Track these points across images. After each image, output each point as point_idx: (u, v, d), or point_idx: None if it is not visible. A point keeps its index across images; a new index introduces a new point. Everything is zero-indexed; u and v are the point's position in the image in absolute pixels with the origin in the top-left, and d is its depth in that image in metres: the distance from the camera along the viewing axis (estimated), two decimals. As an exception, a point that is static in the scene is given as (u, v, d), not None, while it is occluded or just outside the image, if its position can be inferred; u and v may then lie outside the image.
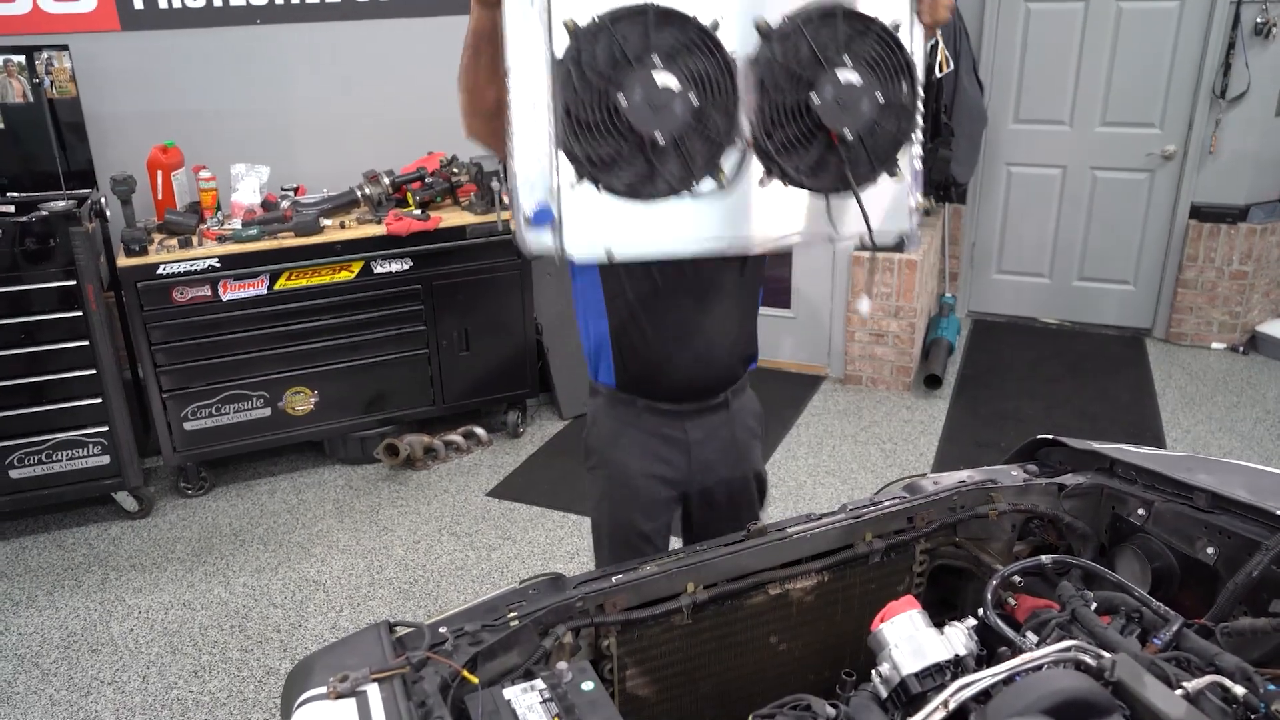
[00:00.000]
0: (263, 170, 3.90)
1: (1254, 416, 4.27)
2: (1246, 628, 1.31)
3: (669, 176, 1.40)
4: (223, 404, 3.70)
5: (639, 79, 1.35)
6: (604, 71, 1.33)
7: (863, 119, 1.45)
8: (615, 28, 1.33)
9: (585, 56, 1.33)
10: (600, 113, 1.35)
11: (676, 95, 1.36)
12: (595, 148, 1.35)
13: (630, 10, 1.34)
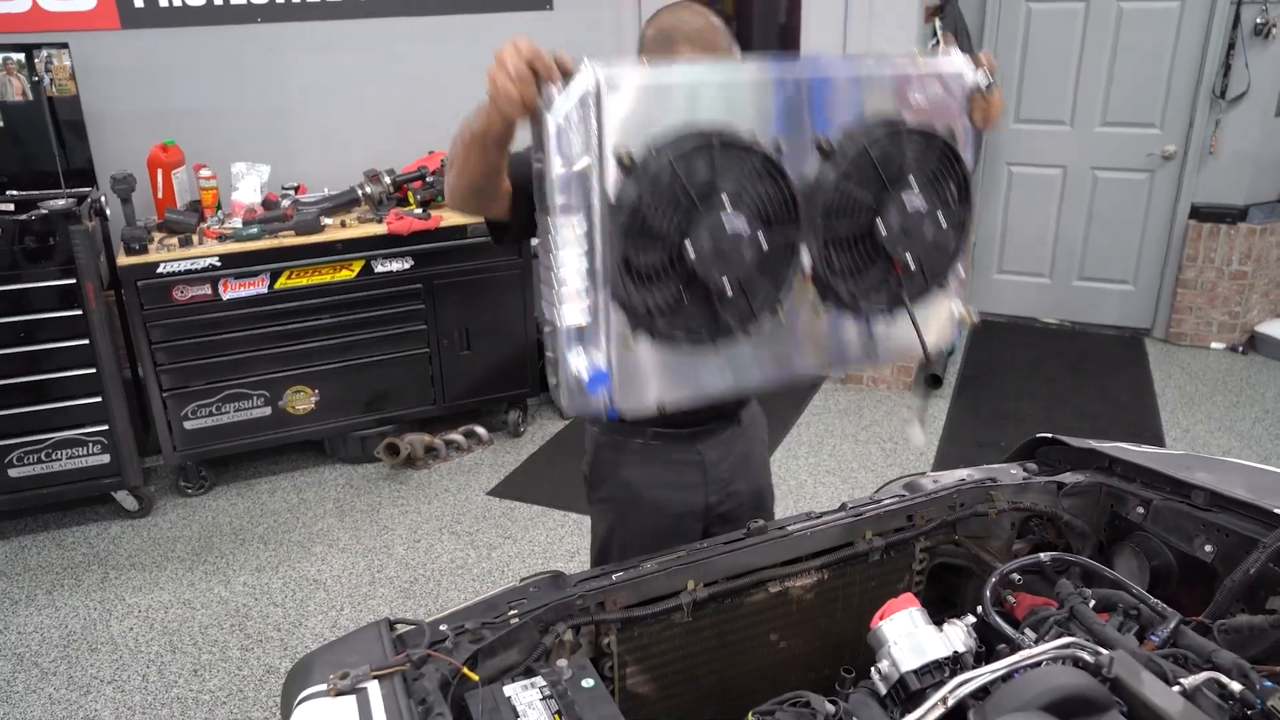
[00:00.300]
0: (263, 169, 3.91)
1: (1253, 416, 4.27)
2: (1244, 625, 1.31)
3: (731, 319, 1.33)
4: (223, 403, 3.70)
5: (708, 225, 1.24)
6: (670, 217, 1.23)
7: (926, 244, 1.42)
8: (677, 163, 1.22)
9: (647, 199, 1.22)
10: (664, 263, 1.25)
11: (745, 238, 1.27)
12: (655, 297, 1.25)
13: (693, 142, 1.22)
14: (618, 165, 1.20)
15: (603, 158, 1.20)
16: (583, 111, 1.18)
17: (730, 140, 1.25)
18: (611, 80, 1.19)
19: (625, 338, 1.28)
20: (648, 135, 1.21)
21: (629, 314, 1.26)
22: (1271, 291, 4.98)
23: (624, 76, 1.20)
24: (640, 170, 1.20)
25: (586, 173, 1.20)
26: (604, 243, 1.23)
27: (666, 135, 1.22)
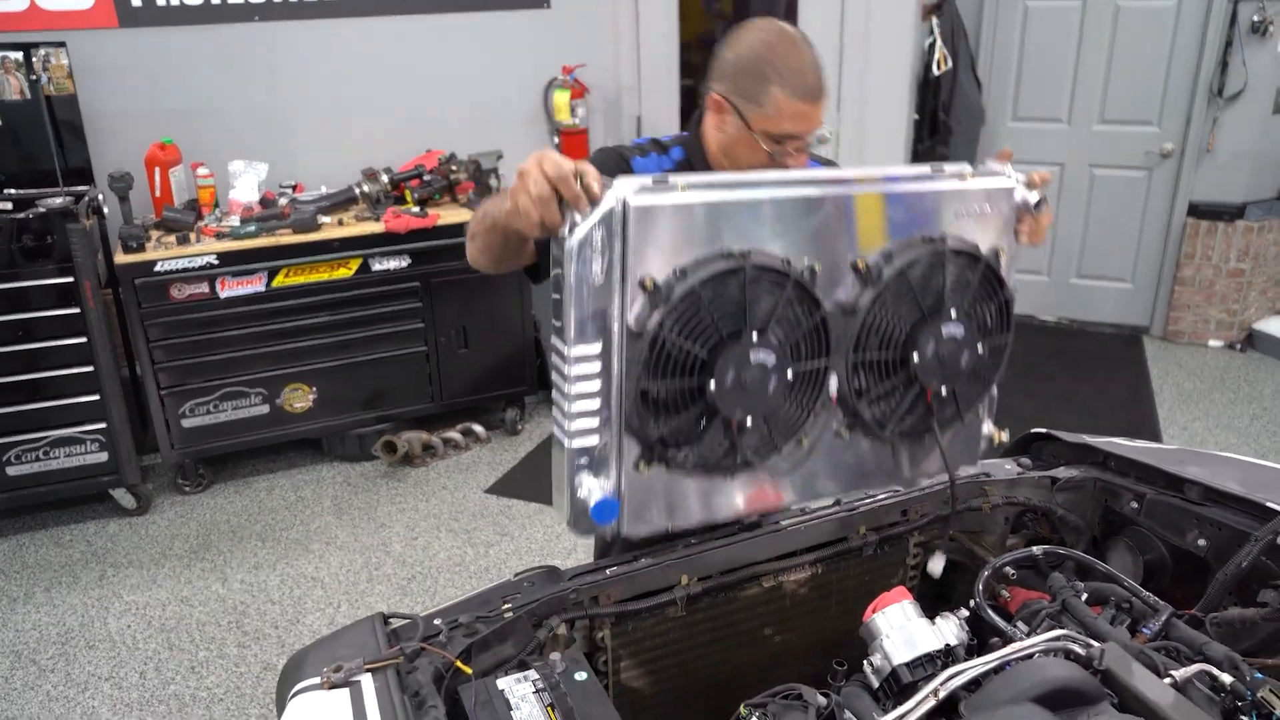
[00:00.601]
0: (261, 167, 3.91)
1: (1251, 413, 4.27)
2: (1235, 618, 1.31)
3: (748, 452, 1.29)
4: (221, 401, 3.70)
5: (733, 358, 1.19)
6: (693, 348, 1.17)
7: (960, 373, 1.38)
8: (703, 290, 1.15)
9: (669, 329, 1.15)
10: (683, 394, 1.20)
11: (771, 370, 1.22)
12: (670, 427, 1.21)
13: (722, 267, 1.15)
14: (640, 290, 1.14)
15: (625, 283, 1.14)
16: (606, 233, 1.12)
17: (761, 266, 1.19)
18: (638, 203, 1.13)
19: (637, 465, 1.24)
20: (674, 259, 1.15)
21: (642, 443, 1.22)
22: (1269, 289, 4.98)
23: (652, 198, 1.14)
24: (664, 297, 1.14)
25: (607, 298, 1.15)
26: (620, 370, 1.18)
27: (693, 260, 1.16)
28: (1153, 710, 1.08)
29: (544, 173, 1.12)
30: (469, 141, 4.19)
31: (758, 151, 1.55)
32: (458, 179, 4.04)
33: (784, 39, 1.52)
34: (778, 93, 1.48)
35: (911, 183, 1.32)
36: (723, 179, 1.25)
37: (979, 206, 1.36)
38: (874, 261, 1.29)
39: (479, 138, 4.23)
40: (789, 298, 1.22)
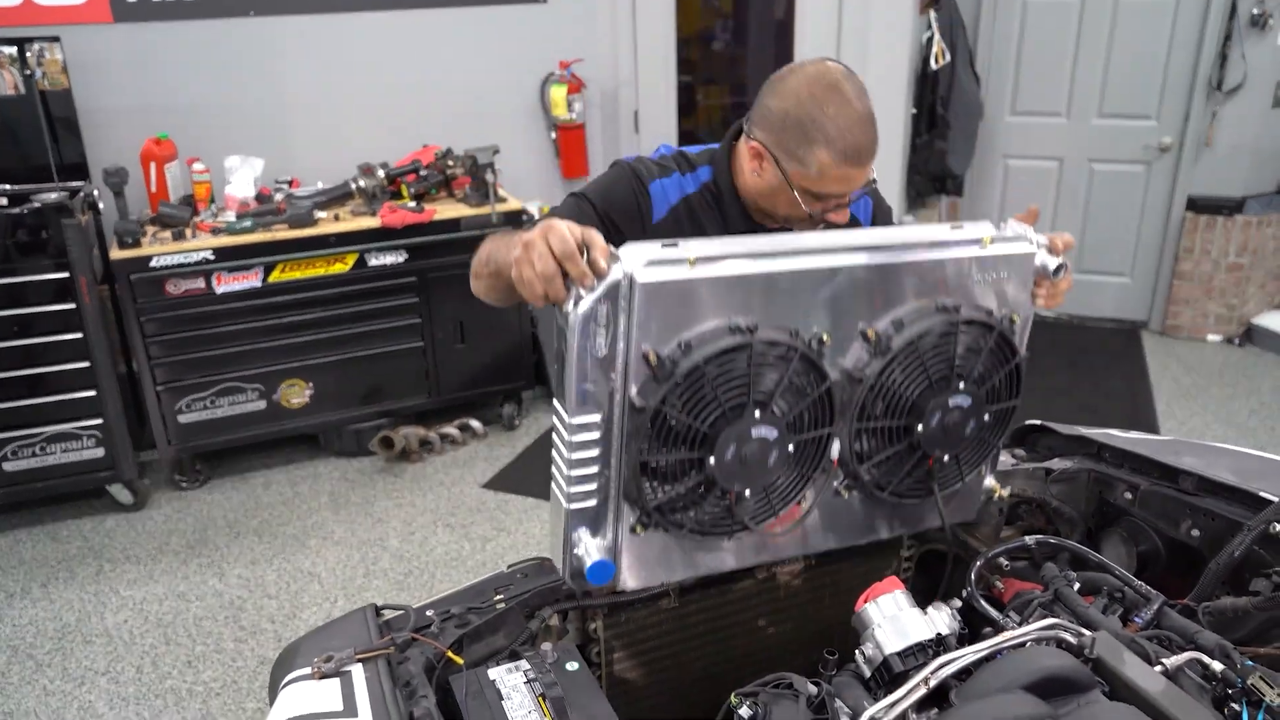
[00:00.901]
0: (257, 163, 3.90)
1: (1249, 408, 4.27)
2: (1228, 607, 1.31)
3: (746, 517, 1.29)
4: (217, 397, 3.70)
5: (735, 433, 1.18)
6: (695, 423, 1.16)
7: (963, 441, 1.37)
8: (708, 366, 1.14)
9: (672, 403, 1.14)
10: (682, 466, 1.20)
11: (773, 443, 1.21)
12: (668, 495, 1.21)
13: (728, 343, 1.14)
14: (644, 363, 1.13)
15: (628, 355, 1.12)
16: (611, 308, 1.10)
17: (767, 340, 1.17)
18: (646, 279, 1.09)
19: (634, 528, 1.25)
20: (679, 333, 1.13)
21: (640, 510, 1.23)
22: (1268, 283, 4.98)
23: (660, 273, 1.10)
24: (667, 373, 1.13)
25: (609, 369, 1.14)
26: (620, 441, 1.17)
27: (699, 333, 1.14)
28: (1143, 698, 1.08)
29: (550, 249, 1.09)
30: (465, 136, 4.18)
31: (797, 207, 1.50)
32: (454, 174, 4.04)
33: (834, 94, 1.42)
34: (823, 155, 1.42)
35: (929, 250, 1.28)
36: (735, 249, 1.18)
37: (997, 273, 1.33)
38: (884, 329, 1.26)
39: (475, 133, 4.22)
40: (795, 370, 1.21)
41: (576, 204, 1.61)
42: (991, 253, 1.30)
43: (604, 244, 1.09)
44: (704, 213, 1.62)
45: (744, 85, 6.00)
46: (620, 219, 1.58)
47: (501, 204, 3.93)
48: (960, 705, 1.08)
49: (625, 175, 1.61)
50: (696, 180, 1.63)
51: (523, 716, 1.19)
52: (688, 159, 1.65)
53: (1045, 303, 1.40)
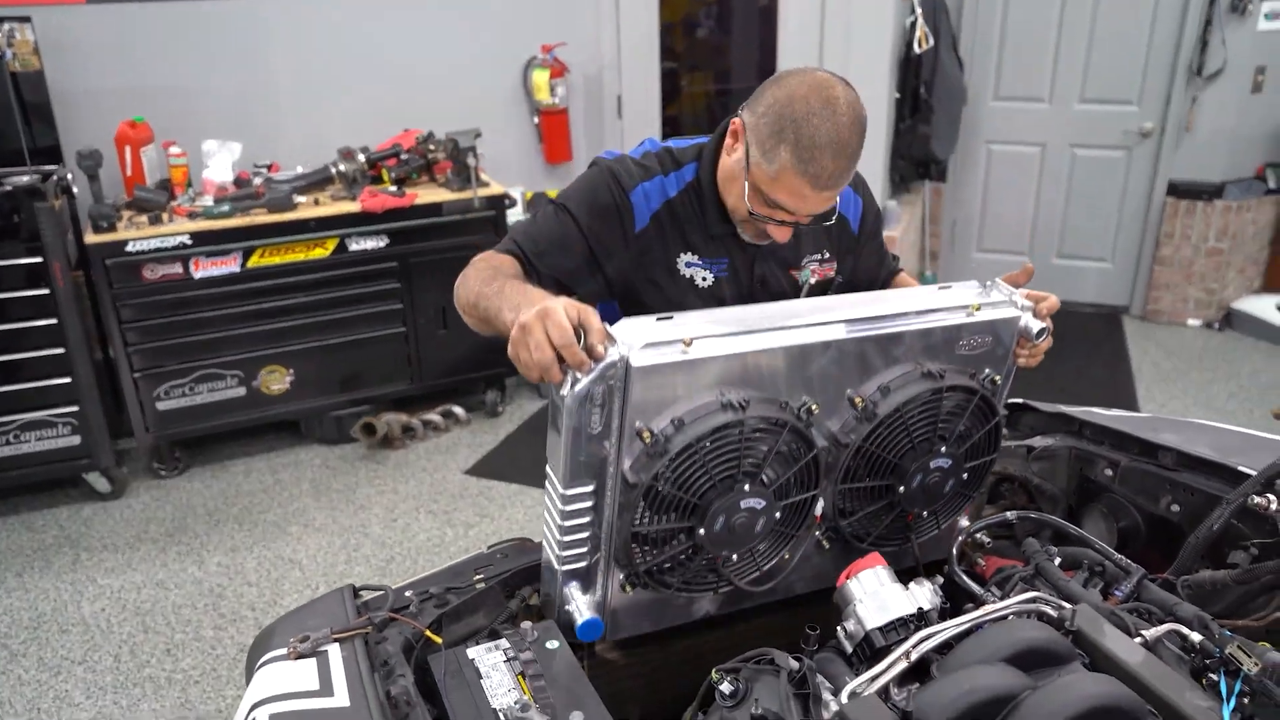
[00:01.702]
0: (235, 147, 3.85)
1: (1228, 391, 4.30)
2: (1206, 580, 1.31)
3: (732, 577, 1.32)
4: (196, 383, 3.66)
5: (724, 507, 1.22)
6: (686, 496, 1.20)
7: (942, 498, 1.42)
8: (701, 444, 1.16)
9: (664, 478, 1.17)
10: (672, 534, 1.24)
11: (760, 513, 1.25)
12: (657, 559, 1.25)
13: (719, 420, 1.16)
14: (637, 439, 1.15)
15: (622, 432, 1.15)
16: (606, 389, 1.12)
17: (757, 415, 1.19)
18: (641, 362, 1.11)
19: (624, 586, 1.28)
20: (673, 410, 1.16)
21: (628, 572, 1.27)
22: (1247, 268, 5.01)
23: (655, 355, 1.12)
24: (661, 449, 1.15)
25: (603, 445, 1.16)
26: (612, 512, 1.21)
27: (692, 408, 1.17)
28: (1123, 669, 1.08)
29: (548, 337, 1.09)
30: (447, 120, 4.15)
31: (742, 202, 1.45)
32: (435, 158, 4.00)
33: (827, 108, 1.34)
34: (787, 157, 1.35)
35: (917, 319, 1.31)
36: (729, 325, 1.20)
37: (982, 337, 1.36)
38: (870, 396, 1.30)
39: (457, 116, 4.18)
40: (784, 441, 1.24)
41: (558, 216, 1.53)
42: (978, 319, 1.34)
43: (600, 327, 1.11)
44: (686, 215, 1.56)
45: (728, 73, 5.97)
46: (603, 232, 1.53)
47: (484, 188, 3.90)
48: (941, 678, 1.08)
49: (606, 182, 1.54)
50: (680, 180, 1.57)
51: (502, 695, 1.18)
52: (673, 156, 1.59)
53: (1026, 363, 1.44)
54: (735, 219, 1.53)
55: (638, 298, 1.59)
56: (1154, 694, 1.04)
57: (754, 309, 1.27)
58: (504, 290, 1.31)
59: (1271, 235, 4.98)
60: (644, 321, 1.16)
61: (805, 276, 1.63)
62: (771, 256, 1.60)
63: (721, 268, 1.58)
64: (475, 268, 1.47)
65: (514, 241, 1.53)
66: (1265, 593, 1.31)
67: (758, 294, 1.60)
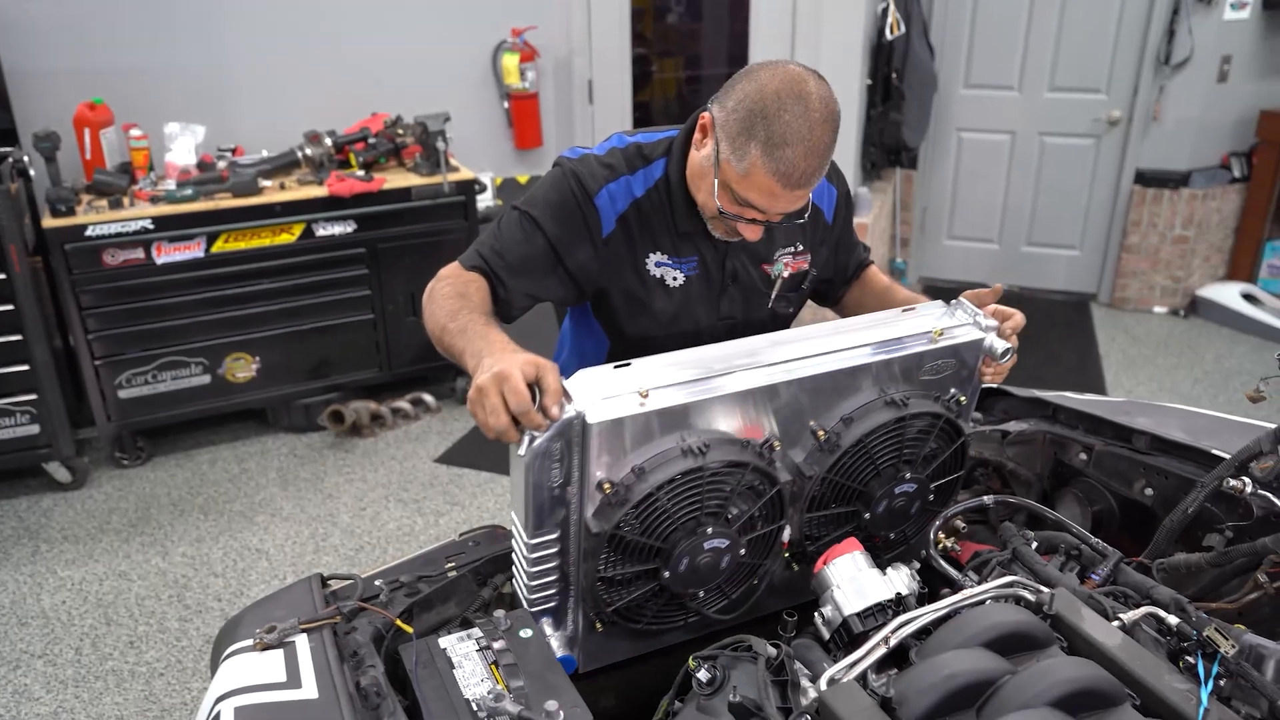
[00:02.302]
0: (198, 129, 3.77)
1: (1193, 377, 4.35)
2: (1181, 563, 1.32)
3: (700, 609, 1.33)
4: (159, 371, 3.58)
5: (688, 549, 1.22)
6: (650, 541, 1.20)
7: (909, 519, 1.42)
8: (661, 492, 1.17)
9: (628, 526, 1.18)
10: (638, 577, 1.25)
11: (725, 551, 1.26)
12: (624, 599, 1.26)
13: (680, 466, 1.17)
14: (598, 490, 1.16)
15: (583, 485, 1.16)
16: (564, 444, 1.13)
17: (718, 458, 1.19)
18: (598, 418, 1.12)
19: (593, 625, 1.29)
20: (632, 459, 1.16)
21: (597, 614, 1.27)
22: (1212, 256, 5.07)
23: (612, 409, 1.13)
24: (621, 499, 1.16)
25: (566, 494, 1.18)
26: (578, 559, 1.22)
27: (652, 456, 1.17)
28: (1101, 652, 1.08)
29: (504, 401, 1.10)
30: (415, 104, 4.08)
31: (711, 199, 1.40)
32: (404, 142, 3.94)
33: (800, 105, 1.29)
34: (757, 155, 1.30)
35: (878, 350, 1.31)
36: (687, 370, 1.21)
37: (946, 362, 1.36)
38: (834, 428, 1.29)
39: (425, 100, 4.12)
40: (746, 482, 1.24)
41: (523, 226, 1.49)
42: (941, 344, 1.34)
43: (556, 387, 1.11)
44: (654, 214, 1.51)
45: (698, 59, 5.94)
46: (570, 240, 1.48)
47: (454, 173, 3.85)
48: (919, 663, 1.07)
49: (570, 186, 1.48)
50: (648, 178, 1.51)
51: (475, 685, 1.15)
52: (641, 152, 1.52)
53: (992, 380, 1.43)
54: (705, 216, 1.49)
55: (607, 300, 1.56)
56: (1132, 677, 1.04)
57: (713, 350, 1.26)
58: (468, 330, 1.30)
59: (1235, 224, 5.05)
60: (601, 373, 1.17)
61: (778, 270, 1.60)
62: (743, 251, 1.56)
63: (691, 266, 1.54)
64: (441, 290, 1.42)
65: (480, 257, 1.48)
66: (1238, 575, 1.32)
67: (729, 289, 1.57)
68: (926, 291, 5.43)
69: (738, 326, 1.60)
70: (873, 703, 1.01)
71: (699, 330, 1.57)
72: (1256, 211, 4.95)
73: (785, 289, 1.60)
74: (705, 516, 1.22)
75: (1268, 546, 1.23)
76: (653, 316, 1.54)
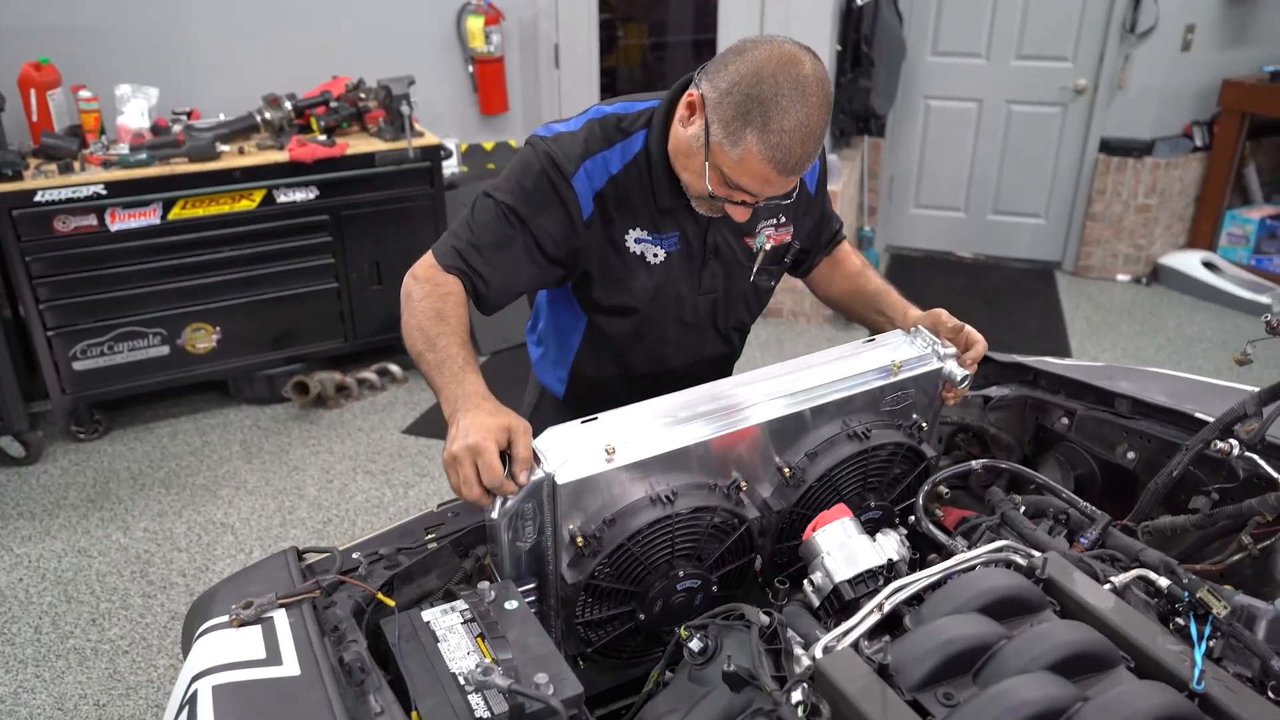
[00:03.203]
0: (151, 92, 3.63)
1: (1156, 344, 4.42)
2: (1167, 526, 1.32)
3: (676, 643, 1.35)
4: (115, 342, 3.47)
5: (661, 591, 1.26)
6: (624, 589, 1.25)
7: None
8: (631, 541, 1.21)
9: (602, 574, 1.22)
10: (614, 619, 1.29)
11: (698, 590, 1.29)
12: (602, 637, 1.29)
13: (649, 515, 1.21)
14: (571, 544, 1.20)
15: (557, 540, 1.21)
16: (536, 504, 1.19)
17: (687, 505, 1.23)
18: (566, 479, 1.17)
19: (576, 661, 1.33)
20: (603, 511, 1.21)
21: (576, 651, 1.31)
22: (1174, 224, 5.14)
23: (580, 468, 1.18)
24: (594, 549, 1.20)
25: (543, 548, 1.23)
26: (556, 605, 1.26)
27: (622, 509, 1.22)
28: (1094, 615, 1.08)
29: (476, 471, 1.16)
30: (377, 68, 3.98)
31: (701, 181, 1.35)
32: (367, 106, 3.84)
33: (797, 89, 1.24)
34: (753, 142, 1.26)
35: (841, 387, 1.36)
36: (652, 421, 1.26)
37: (906, 392, 1.41)
38: (798, 463, 1.33)
39: (387, 64, 4.02)
40: (714, 524, 1.27)
41: (501, 218, 1.42)
42: (901, 377, 1.39)
43: (527, 455, 1.17)
44: (633, 190, 1.45)
45: (664, 25, 5.85)
46: (551, 226, 1.43)
47: (418, 139, 3.76)
48: (915, 630, 1.06)
49: (545, 169, 1.41)
50: (626, 151, 1.45)
51: (461, 659, 1.12)
52: (620, 125, 1.45)
53: (950, 401, 1.47)
54: (689, 194, 1.43)
55: (588, 280, 1.51)
56: (1126, 639, 1.04)
57: (678, 399, 1.30)
58: (444, 367, 1.31)
59: (1197, 192, 5.11)
60: (569, 430, 1.22)
61: (760, 242, 1.56)
62: (725, 224, 1.51)
63: (673, 241, 1.49)
64: (419, 303, 1.38)
65: (458, 254, 1.42)
66: (1220, 537, 1.33)
67: (710, 264, 1.53)
68: (894, 260, 5.45)
69: (718, 300, 1.57)
70: (870, 670, 1.00)
71: (680, 306, 1.54)
72: (1217, 180, 5.02)
73: (767, 262, 1.57)
74: (677, 559, 1.26)
75: (1254, 508, 1.23)
76: (633, 294, 1.50)
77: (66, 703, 2.43)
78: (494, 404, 1.25)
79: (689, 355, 1.61)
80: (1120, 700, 0.94)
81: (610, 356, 1.59)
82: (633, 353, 1.57)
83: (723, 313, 1.58)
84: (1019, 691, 0.94)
